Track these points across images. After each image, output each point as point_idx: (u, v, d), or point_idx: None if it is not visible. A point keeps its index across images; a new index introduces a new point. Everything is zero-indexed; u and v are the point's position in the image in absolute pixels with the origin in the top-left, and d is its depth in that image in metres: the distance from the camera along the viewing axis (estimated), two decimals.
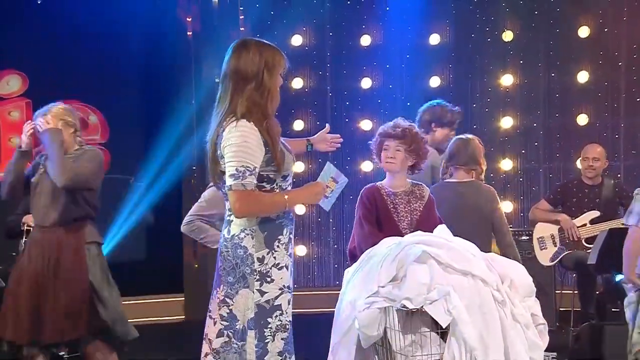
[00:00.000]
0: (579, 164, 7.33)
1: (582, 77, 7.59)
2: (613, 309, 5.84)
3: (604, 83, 7.57)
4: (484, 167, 4.95)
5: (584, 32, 7.56)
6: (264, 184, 3.15)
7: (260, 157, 3.09)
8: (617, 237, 5.01)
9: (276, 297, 3.17)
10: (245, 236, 3.15)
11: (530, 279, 3.56)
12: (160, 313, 7.12)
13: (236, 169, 3.06)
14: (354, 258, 3.94)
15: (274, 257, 3.16)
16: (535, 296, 3.57)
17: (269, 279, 3.15)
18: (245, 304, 3.14)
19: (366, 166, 7.50)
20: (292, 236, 3.26)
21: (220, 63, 3.20)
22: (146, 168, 7.11)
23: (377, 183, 4.19)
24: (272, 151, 3.10)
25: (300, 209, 7.43)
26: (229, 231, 3.18)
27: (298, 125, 7.69)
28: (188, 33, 7.32)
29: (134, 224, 7.02)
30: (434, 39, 7.69)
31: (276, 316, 3.17)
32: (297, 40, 7.68)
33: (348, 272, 3.67)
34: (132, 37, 7.22)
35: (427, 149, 4.17)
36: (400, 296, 3.34)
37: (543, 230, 6.24)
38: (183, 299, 7.23)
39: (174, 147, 7.11)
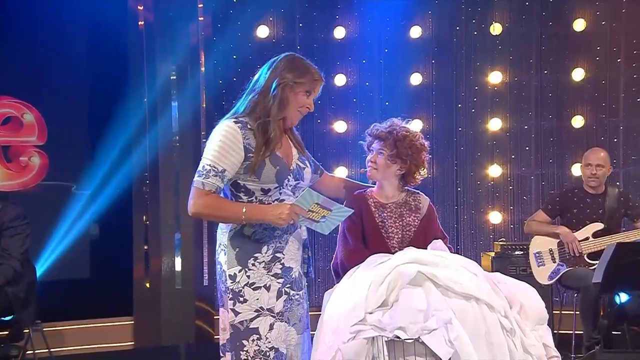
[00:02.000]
0: (575, 170, 7.10)
1: (578, 74, 7.26)
2: (614, 332, 5.59)
3: (601, 81, 7.24)
4: None
5: (579, 25, 7.22)
6: (240, 194, 3.18)
7: (234, 161, 3.11)
8: (625, 252, 4.86)
9: (252, 320, 3.16)
10: (220, 252, 3.24)
11: (542, 303, 3.40)
12: (106, 339, 6.69)
13: (203, 166, 3.13)
14: (338, 276, 3.69)
15: (248, 276, 3.16)
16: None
17: (241, 299, 3.15)
18: (220, 324, 3.24)
19: (340, 172, 7.03)
20: (281, 256, 3.21)
21: (177, 57, 2.91)
22: (91, 174, 6.70)
23: (367, 190, 3.82)
24: (254, 156, 3.11)
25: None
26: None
27: None
28: (139, 23, 6.80)
29: (76, 238, 6.61)
30: (415, 32, 7.29)
31: (253, 340, 3.17)
32: (262, 31, 7.20)
33: (328, 295, 3.44)
34: (75, 27, 6.77)
35: (421, 159, 3.75)
36: (392, 325, 3.14)
37: (540, 244, 5.89)
38: (132, 323, 6.77)
39: (123, 151, 6.69)
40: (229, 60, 7.04)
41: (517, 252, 6.27)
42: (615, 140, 7.24)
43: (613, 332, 5.57)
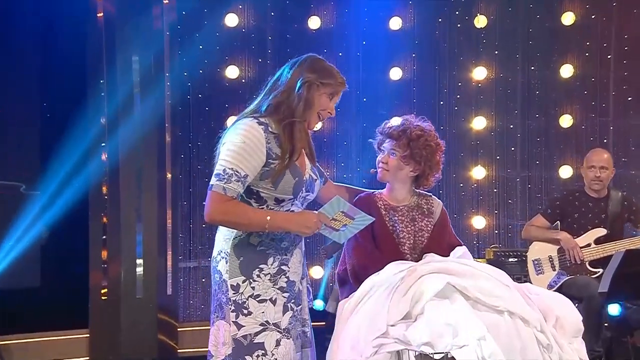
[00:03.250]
0: (563, 172, 6.92)
1: (566, 71, 7.03)
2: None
3: (590, 79, 7.04)
4: None
5: (568, 19, 6.99)
6: (251, 200, 3.07)
7: (256, 165, 2.99)
8: (635, 260, 4.72)
9: (256, 334, 3.04)
10: (220, 259, 3.11)
11: (579, 315, 3.28)
12: (59, 353, 6.30)
13: (224, 170, 2.98)
14: (344, 284, 3.54)
15: (252, 288, 3.05)
16: None
17: (245, 311, 3.04)
18: (219, 338, 3.07)
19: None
20: (287, 268, 3.11)
21: (139, 49, 2.65)
22: (43, 175, 6.23)
23: (375, 192, 3.67)
24: (276, 163, 3.00)
25: None
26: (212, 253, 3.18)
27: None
28: (98, 15, 6.38)
29: (27, 245, 6.15)
30: (395, 24, 6.97)
31: (258, 356, 3.05)
32: (232, 20, 6.79)
33: (343, 306, 3.27)
34: (25, 17, 6.33)
35: (435, 159, 3.60)
36: (417, 340, 2.95)
37: (540, 251, 5.62)
38: (88, 336, 6.36)
39: (79, 149, 6.26)
40: (195, 50, 6.66)
41: (511, 259, 6.01)
42: (605, 140, 7.05)
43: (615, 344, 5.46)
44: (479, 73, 6.99)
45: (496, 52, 7.01)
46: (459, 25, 6.99)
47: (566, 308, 3.22)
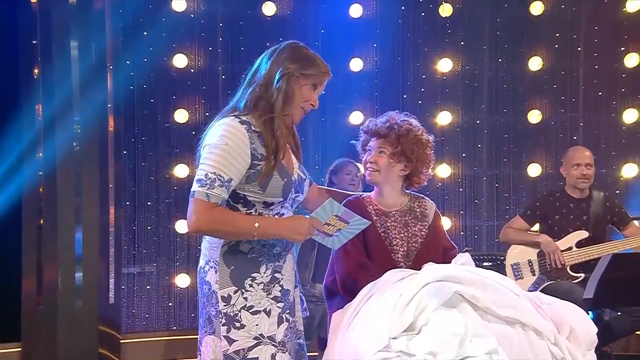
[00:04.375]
0: (532, 171, 6.77)
1: (535, 64, 6.82)
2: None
3: (560, 72, 6.83)
4: None
5: (536, 9, 6.78)
6: (238, 205, 2.93)
7: (240, 168, 2.85)
8: (622, 264, 4.54)
9: (250, 348, 2.90)
10: (209, 269, 2.97)
11: (594, 326, 3.14)
12: None
13: (206, 174, 2.84)
14: (332, 296, 3.40)
15: (245, 299, 2.91)
16: None
17: (237, 324, 2.90)
18: (208, 355, 2.94)
19: None
20: (280, 276, 2.97)
21: (78, 36, 3.01)
22: None
23: (364, 195, 3.51)
24: (262, 164, 2.86)
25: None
26: (199, 263, 3.04)
27: (181, 115, 6.49)
28: (32, 0, 5.99)
29: None
30: (356, 11, 6.67)
31: None
32: (179, 4, 6.43)
33: (338, 317, 3.14)
34: None
35: (427, 155, 3.47)
36: (421, 350, 2.80)
37: (518, 254, 5.39)
38: (20, 349, 5.99)
39: (13, 148, 5.90)
40: (139, 37, 6.29)
41: (486, 263, 5.73)
42: (574, 137, 6.85)
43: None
44: (444, 65, 6.74)
45: (462, 43, 6.78)
46: (423, 14, 6.73)
47: (580, 318, 3.07)
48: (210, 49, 6.53)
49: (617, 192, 6.60)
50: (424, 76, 6.76)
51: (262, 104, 2.92)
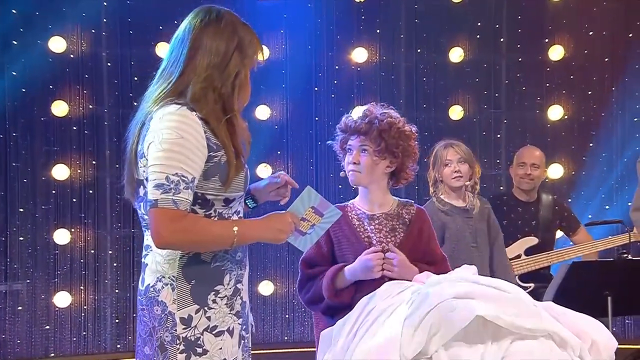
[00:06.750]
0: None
1: (455, 55, 6.52)
2: None
3: (482, 65, 6.56)
4: None
5: None
6: (195, 207, 2.60)
7: (200, 164, 2.54)
8: (580, 273, 4.39)
9: None
10: (162, 287, 2.62)
11: (614, 340, 2.94)
12: None
13: (166, 177, 2.50)
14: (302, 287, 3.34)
15: (208, 318, 2.61)
16: None
17: (199, 350, 2.60)
18: None
19: None
20: (241, 286, 2.69)
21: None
22: None
23: (348, 203, 3.37)
24: (227, 154, 2.56)
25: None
26: (142, 280, 2.65)
27: (60, 108, 5.90)
28: None
29: None
30: None
31: None
32: None
33: (328, 336, 2.91)
34: None
35: (412, 148, 3.35)
36: None
37: None
38: None
39: None
40: (5, 13, 5.78)
41: None
42: (498, 136, 6.60)
43: None
44: (359, 55, 6.45)
45: (378, 31, 6.48)
46: None
47: (601, 331, 2.89)
48: (93, 31, 6.01)
49: None
50: (337, 67, 6.47)
51: (212, 97, 2.59)
